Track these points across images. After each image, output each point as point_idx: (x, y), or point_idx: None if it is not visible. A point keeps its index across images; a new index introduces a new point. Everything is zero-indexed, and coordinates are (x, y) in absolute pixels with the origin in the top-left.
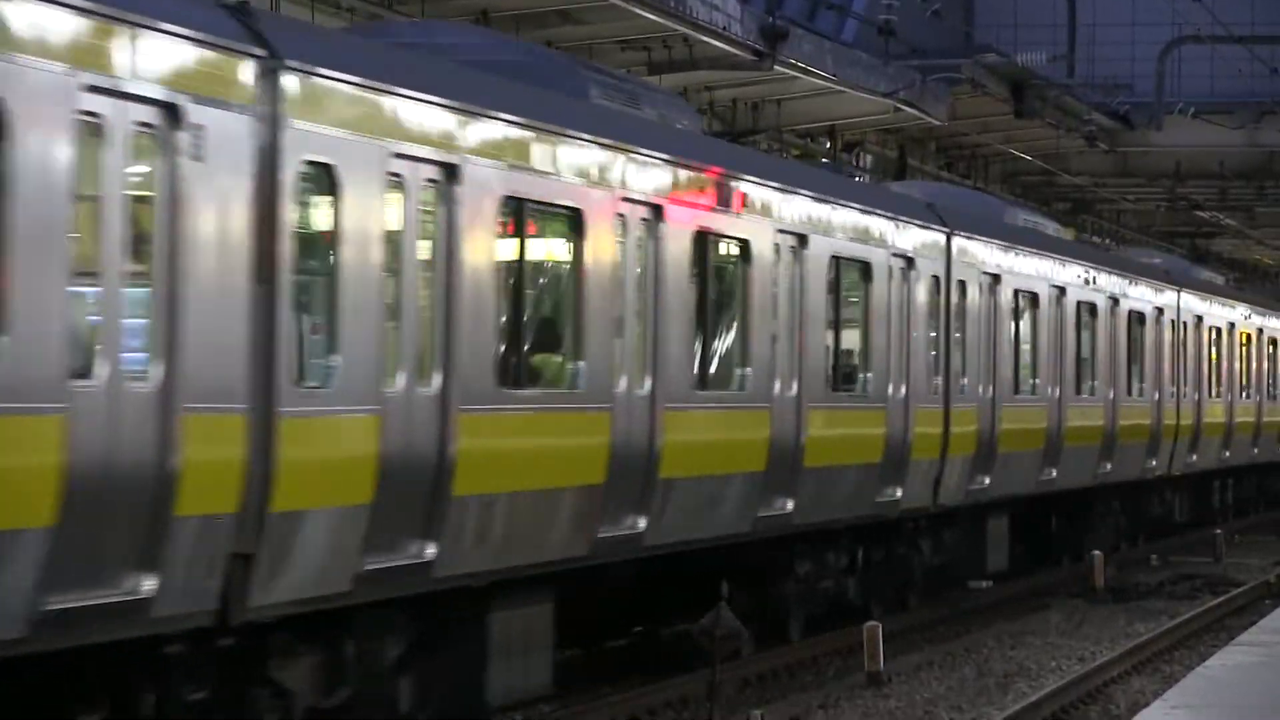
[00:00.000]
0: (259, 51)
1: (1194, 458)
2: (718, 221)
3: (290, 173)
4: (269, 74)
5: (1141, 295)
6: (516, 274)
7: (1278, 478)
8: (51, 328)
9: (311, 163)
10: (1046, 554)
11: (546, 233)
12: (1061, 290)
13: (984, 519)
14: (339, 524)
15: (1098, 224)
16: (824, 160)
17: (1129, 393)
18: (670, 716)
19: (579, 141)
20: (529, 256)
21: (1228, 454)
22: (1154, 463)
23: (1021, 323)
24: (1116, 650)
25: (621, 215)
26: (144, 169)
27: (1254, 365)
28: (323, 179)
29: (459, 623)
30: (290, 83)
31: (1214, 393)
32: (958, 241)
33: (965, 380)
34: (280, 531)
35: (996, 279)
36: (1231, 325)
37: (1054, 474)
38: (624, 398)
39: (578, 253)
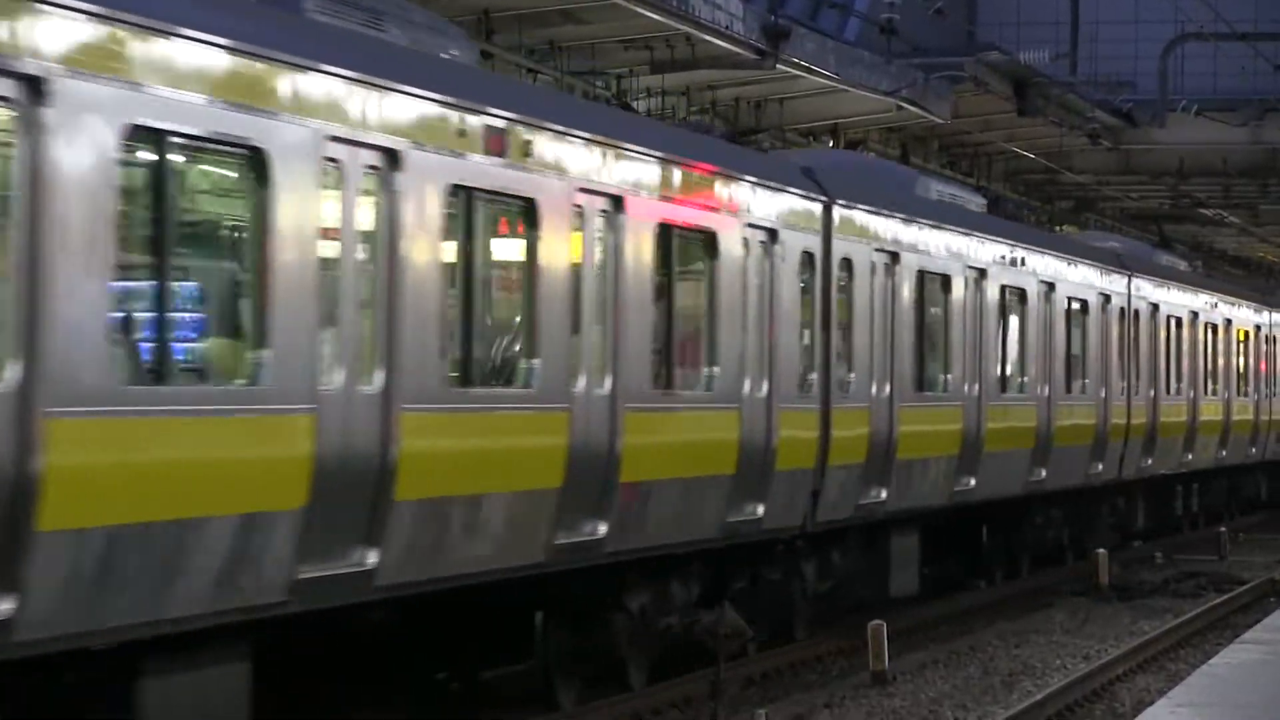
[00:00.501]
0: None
1: (1149, 461)
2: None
3: None
4: None
5: (1084, 280)
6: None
7: (1252, 481)
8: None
9: None
10: (976, 570)
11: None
12: (981, 273)
13: (886, 537)
14: None
15: (1101, 221)
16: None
17: (1068, 390)
18: (674, 716)
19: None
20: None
21: (1189, 457)
22: (1100, 468)
23: (930, 310)
24: (1121, 648)
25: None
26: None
27: (1224, 361)
28: None
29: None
30: None
31: (1172, 390)
32: (840, 212)
33: (852, 377)
34: None
35: (895, 258)
36: (1195, 315)
37: (973, 483)
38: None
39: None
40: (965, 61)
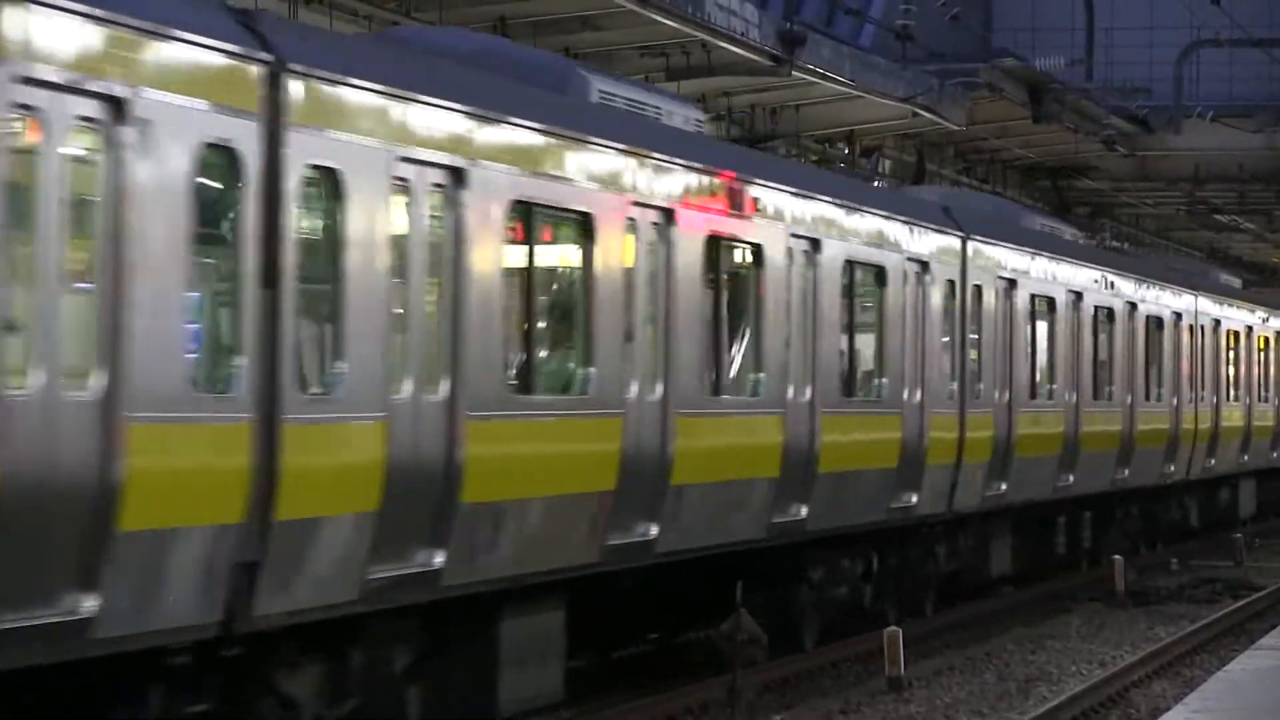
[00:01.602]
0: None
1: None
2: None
3: None
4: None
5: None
6: None
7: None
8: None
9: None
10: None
11: None
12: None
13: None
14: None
15: (1117, 228)
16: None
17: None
18: None
19: None
20: None
21: (1245, 458)
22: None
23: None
24: (1137, 654)
25: None
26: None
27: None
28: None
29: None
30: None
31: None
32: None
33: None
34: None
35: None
36: (1249, 329)
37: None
38: None
39: None
40: (981, 67)
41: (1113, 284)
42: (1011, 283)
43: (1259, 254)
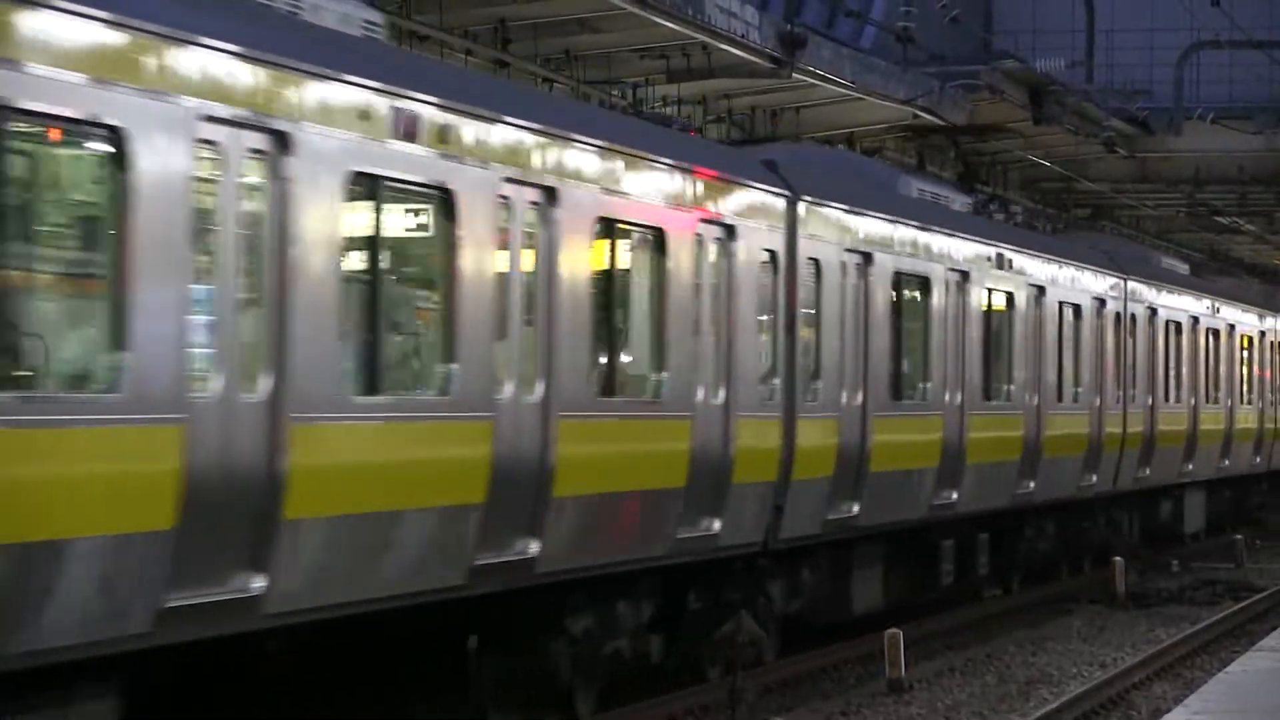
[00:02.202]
0: None
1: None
2: None
3: None
4: None
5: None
6: None
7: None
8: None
9: None
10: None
11: None
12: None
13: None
14: None
15: (1118, 229)
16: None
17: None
18: None
19: None
20: None
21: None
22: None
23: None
24: (1138, 656)
25: None
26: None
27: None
28: None
29: None
30: None
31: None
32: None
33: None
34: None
35: (868, 259)
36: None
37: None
38: None
39: None
40: (981, 69)
41: (1012, 263)
42: (867, 257)
43: (1260, 256)
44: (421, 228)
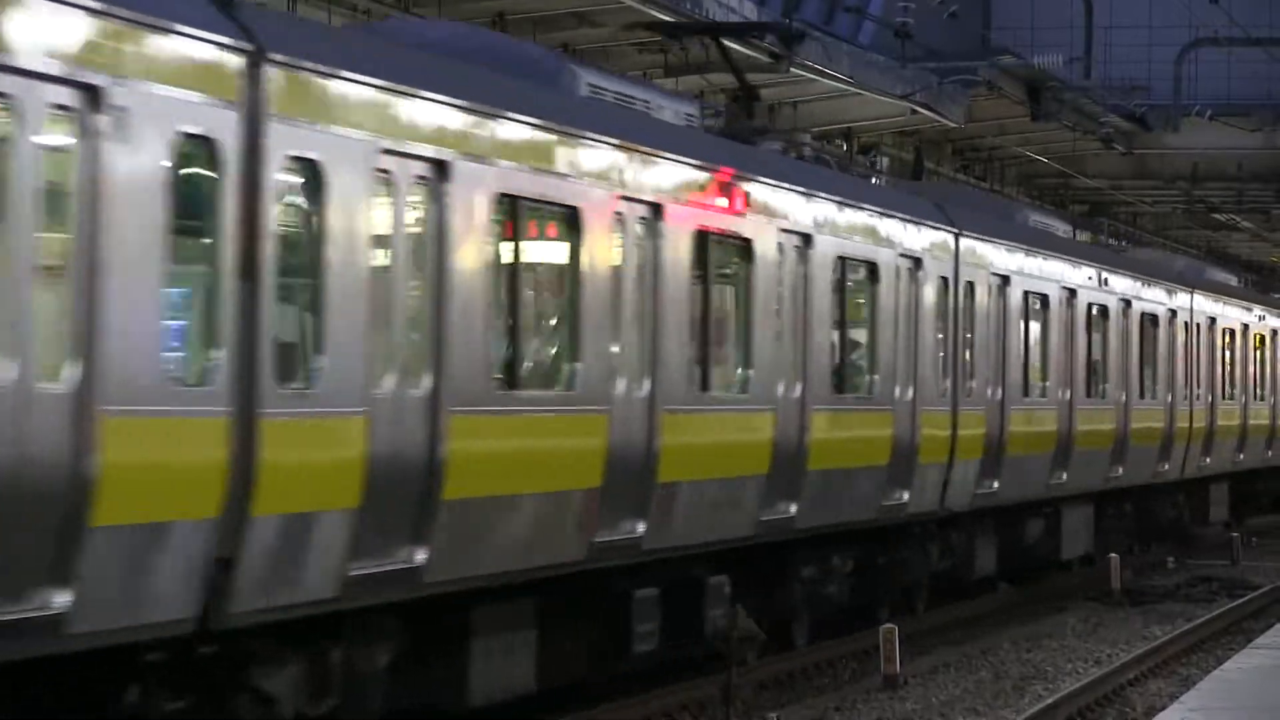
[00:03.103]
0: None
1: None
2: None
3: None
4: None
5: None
6: None
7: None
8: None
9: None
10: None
11: None
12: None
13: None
14: None
15: (1114, 226)
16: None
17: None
18: (686, 719)
19: None
20: None
21: (1242, 456)
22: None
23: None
24: (1133, 653)
25: None
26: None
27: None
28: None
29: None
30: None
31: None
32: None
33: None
34: None
35: (1006, 280)
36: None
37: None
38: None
39: None
40: (979, 65)
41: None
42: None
43: (1257, 253)
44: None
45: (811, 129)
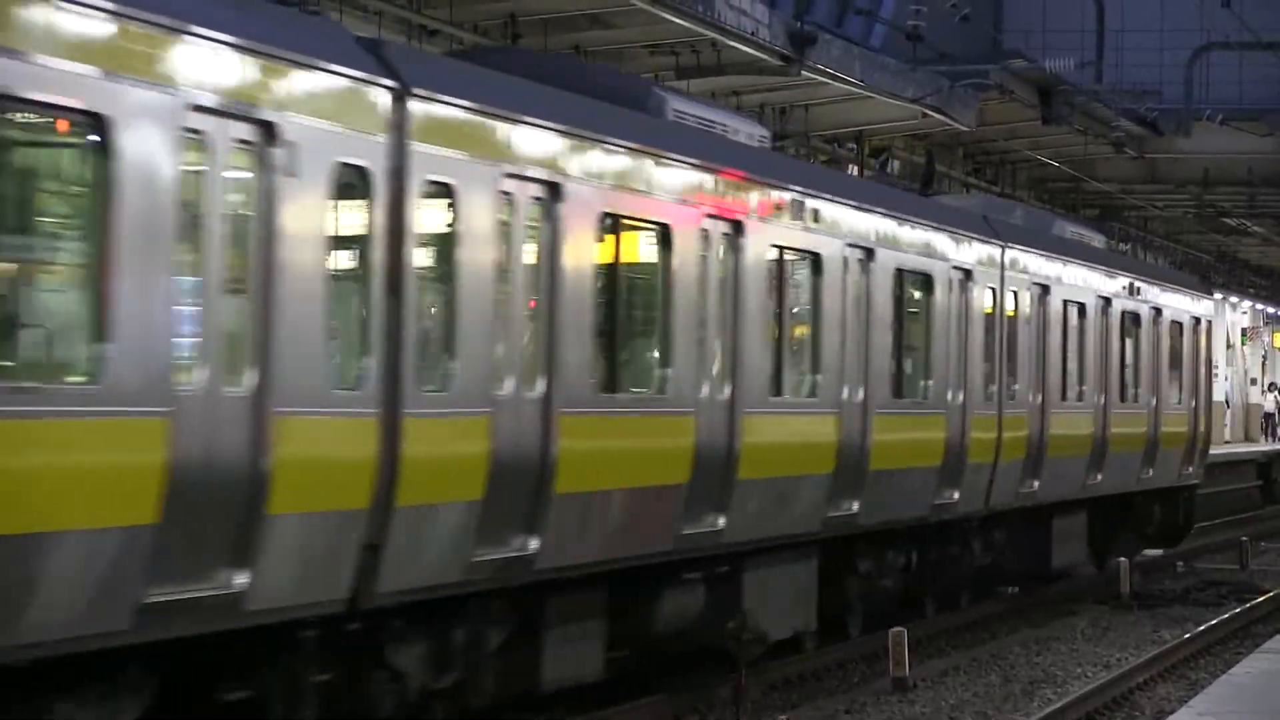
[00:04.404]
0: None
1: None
2: None
3: None
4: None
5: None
6: None
7: None
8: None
9: None
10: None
11: None
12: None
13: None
14: None
15: (1125, 230)
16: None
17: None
18: None
19: None
20: None
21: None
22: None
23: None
24: (1142, 657)
25: None
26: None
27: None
28: None
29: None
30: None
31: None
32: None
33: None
34: None
35: (1046, 289)
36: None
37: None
38: None
39: None
40: (990, 69)
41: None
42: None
43: (1268, 258)
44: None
45: (823, 132)
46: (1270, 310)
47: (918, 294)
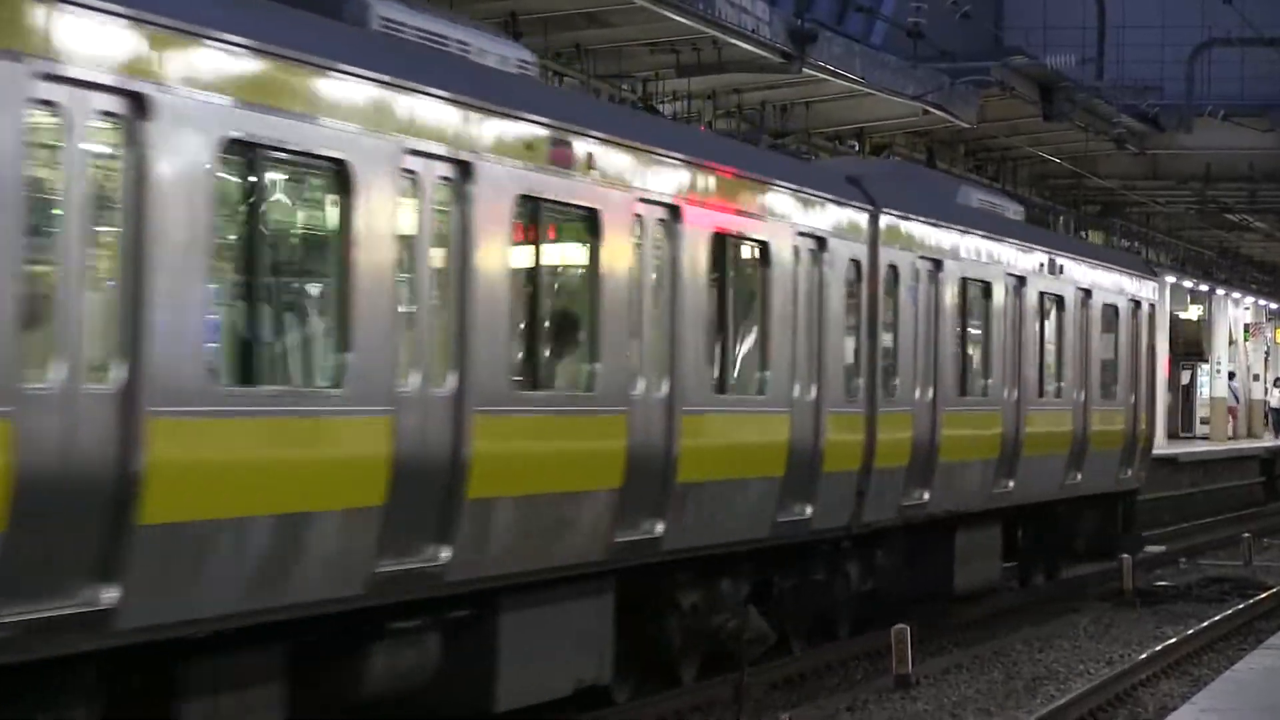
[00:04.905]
0: None
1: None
2: None
3: None
4: None
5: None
6: None
7: None
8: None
9: None
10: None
11: None
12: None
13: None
14: None
15: (1126, 226)
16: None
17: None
18: (698, 719)
19: None
20: None
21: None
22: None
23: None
24: (1145, 653)
25: None
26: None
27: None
28: None
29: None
30: None
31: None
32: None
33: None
34: None
35: (938, 265)
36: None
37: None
38: None
39: None
40: (991, 65)
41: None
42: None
43: (1270, 253)
44: (751, 267)
45: (824, 130)
46: (1273, 306)
47: (749, 267)
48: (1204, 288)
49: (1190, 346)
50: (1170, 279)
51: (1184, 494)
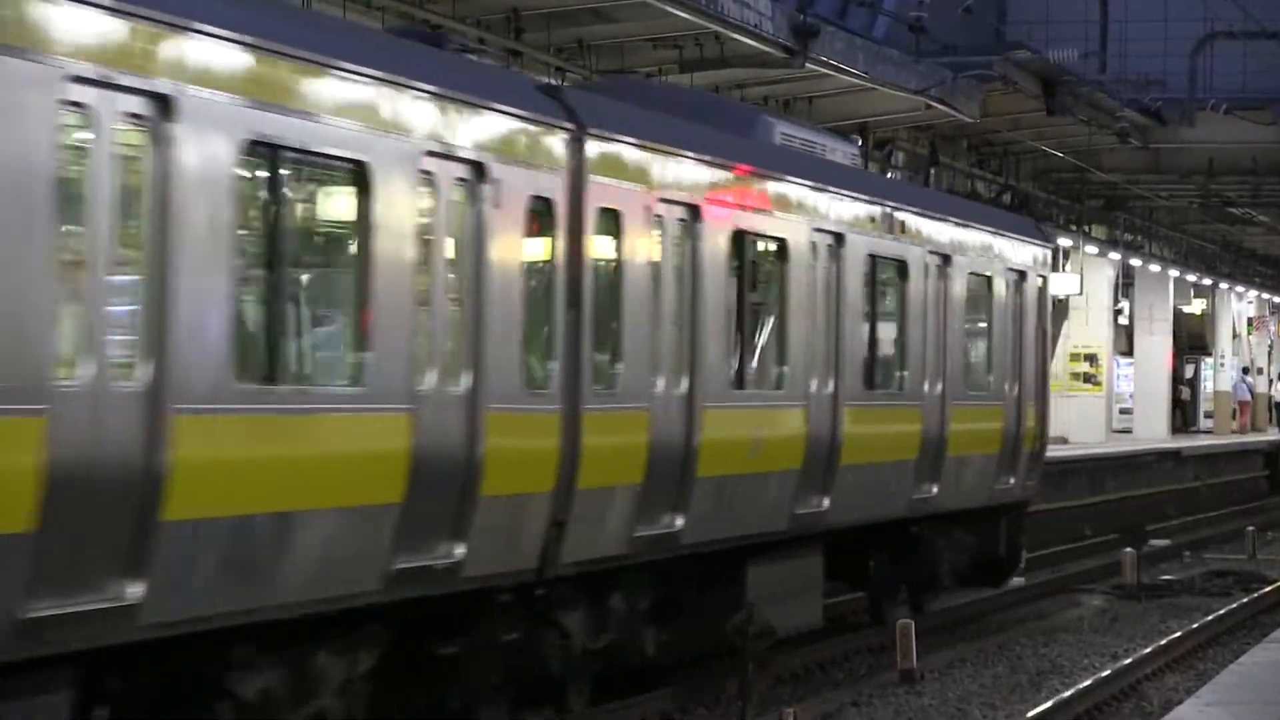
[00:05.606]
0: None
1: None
2: None
3: None
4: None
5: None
6: None
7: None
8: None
9: None
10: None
11: None
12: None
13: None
14: None
15: (1130, 220)
16: None
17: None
18: (702, 715)
19: None
20: None
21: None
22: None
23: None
24: (1149, 647)
25: None
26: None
27: None
28: None
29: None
30: None
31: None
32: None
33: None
34: None
35: (695, 213)
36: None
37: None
38: None
39: None
40: (994, 60)
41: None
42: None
43: (1273, 247)
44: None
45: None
46: (1276, 299)
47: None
48: (1207, 282)
49: (1194, 340)
50: (1091, 249)
51: (1187, 488)
